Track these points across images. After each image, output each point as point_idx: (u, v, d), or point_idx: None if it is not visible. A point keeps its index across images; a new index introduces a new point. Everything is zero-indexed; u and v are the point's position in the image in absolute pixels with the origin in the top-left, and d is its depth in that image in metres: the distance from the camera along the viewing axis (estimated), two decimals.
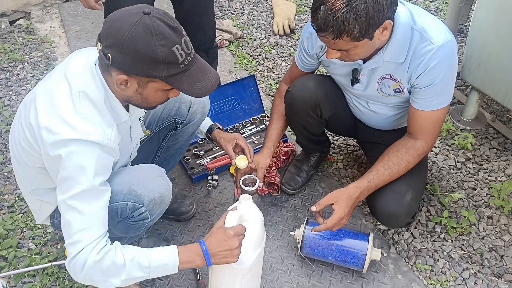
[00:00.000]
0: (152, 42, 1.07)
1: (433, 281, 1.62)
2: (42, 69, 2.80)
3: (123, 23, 1.08)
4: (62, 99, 1.16)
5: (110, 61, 1.11)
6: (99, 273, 1.16)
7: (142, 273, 1.20)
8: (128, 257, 1.18)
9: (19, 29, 3.20)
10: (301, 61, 1.71)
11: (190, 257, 1.25)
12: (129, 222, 1.33)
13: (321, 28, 1.25)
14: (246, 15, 3.31)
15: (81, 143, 1.12)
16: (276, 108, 1.80)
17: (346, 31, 1.23)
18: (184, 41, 1.13)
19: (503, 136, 2.20)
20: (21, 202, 1.93)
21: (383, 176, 1.51)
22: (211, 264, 1.25)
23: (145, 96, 1.20)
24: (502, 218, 1.83)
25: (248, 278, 1.38)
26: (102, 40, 1.11)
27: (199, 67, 1.19)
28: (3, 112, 2.45)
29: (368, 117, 1.72)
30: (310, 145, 1.95)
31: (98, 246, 1.15)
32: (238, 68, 2.76)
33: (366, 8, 1.20)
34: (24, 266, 1.67)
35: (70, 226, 1.15)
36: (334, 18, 1.20)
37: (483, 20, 1.96)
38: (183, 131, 1.69)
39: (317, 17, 1.24)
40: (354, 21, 1.20)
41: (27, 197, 1.46)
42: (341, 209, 1.46)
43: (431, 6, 3.30)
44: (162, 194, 1.33)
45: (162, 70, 1.11)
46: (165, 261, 1.22)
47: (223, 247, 1.24)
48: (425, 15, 1.40)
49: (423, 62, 1.37)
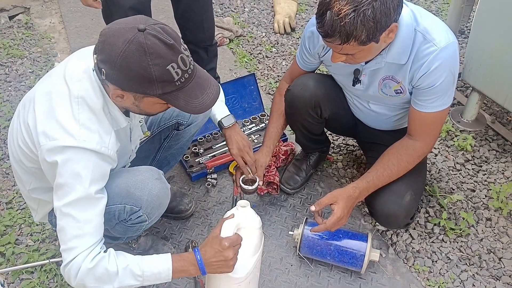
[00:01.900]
0: (145, 62, 1.04)
1: (431, 282, 1.63)
2: (42, 65, 2.79)
3: (117, 39, 1.05)
4: (61, 104, 1.15)
5: (105, 76, 1.09)
6: (92, 280, 1.15)
7: (135, 281, 1.19)
8: (121, 265, 1.17)
9: (18, 25, 3.19)
10: (302, 59, 1.70)
11: (184, 266, 1.24)
12: (127, 225, 1.33)
13: (328, 34, 1.24)
14: (246, 13, 3.30)
15: (78, 150, 1.11)
16: (276, 107, 1.79)
17: (353, 36, 1.22)
18: (181, 58, 1.08)
19: (503, 138, 2.20)
20: (20, 198, 1.93)
21: (382, 176, 1.51)
22: (205, 274, 1.25)
23: (142, 108, 1.19)
24: (500, 220, 1.83)
25: (244, 285, 1.36)
26: (98, 54, 1.09)
27: (197, 83, 1.15)
28: (2, 107, 2.44)
29: (368, 117, 1.72)
30: (309, 145, 1.95)
31: (92, 253, 1.15)
32: (238, 67, 2.75)
33: (373, 13, 1.19)
34: (22, 263, 1.67)
35: (65, 233, 1.14)
36: (341, 24, 1.19)
37: (484, 21, 1.96)
38: (185, 131, 1.69)
39: (324, 22, 1.22)
40: (361, 26, 1.20)
41: (25, 195, 1.46)
42: (340, 209, 1.46)
43: (432, 7, 3.29)
44: (160, 197, 1.33)
45: (157, 88, 1.08)
46: (158, 270, 1.21)
47: (218, 258, 1.22)
48: (428, 16, 1.39)
49: (425, 63, 1.36)
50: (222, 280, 1.33)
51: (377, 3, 1.18)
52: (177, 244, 1.74)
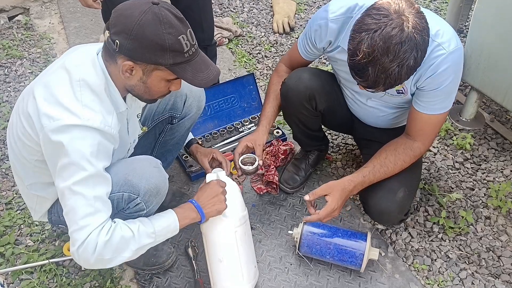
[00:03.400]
0: (160, 30, 1.12)
1: (431, 281, 1.63)
2: (41, 66, 2.79)
3: (133, 11, 1.13)
4: (61, 88, 1.18)
5: (118, 47, 1.14)
6: (110, 252, 1.18)
7: (150, 239, 1.26)
8: (134, 228, 1.23)
9: (18, 25, 3.19)
10: (305, 49, 1.67)
11: (185, 213, 1.36)
12: (125, 214, 1.33)
13: (371, 87, 1.26)
14: (246, 13, 3.31)
15: (82, 128, 1.14)
16: (273, 88, 1.77)
17: (396, 84, 1.25)
18: (189, 32, 1.18)
19: (502, 136, 2.20)
20: (19, 199, 1.93)
21: (378, 173, 1.51)
22: (204, 215, 1.38)
23: (148, 85, 1.23)
24: (499, 218, 1.83)
25: (240, 232, 1.47)
26: (111, 28, 1.15)
27: (202, 59, 1.24)
28: (1, 108, 2.45)
29: (366, 113, 1.72)
30: (307, 141, 1.94)
31: (106, 227, 1.18)
32: (237, 66, 2.76)
33: (415, 62, 1.20)
34: (21, 263, 1.67)
35: (75, 212, 1.16)
36: (387, 77, 1.21)
37: (483, 20, 1.96)
38: (179, 125, 1.70)
39: (366, 77, 1.23)
40: (405, 76, 1.22)
41: (23, 193, 1.47)
42: (334, 201, 1.47)
43: (431, 6, 3.29)
44: (158, 185, 1.34)
45: (168, 57, 1.15)
46: (167, 223, 1.31)
47: (209, 196, 1.39)
48: (437, 20, 1.39)
49: (433, 66, 1.36)
50: (221, 230, 1.44)
51: (418, 53, 1.20)
52: (176, 243, 1.74)
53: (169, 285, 1.61)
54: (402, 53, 1.17)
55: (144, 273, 1.64)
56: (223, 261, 1.46)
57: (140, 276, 1.64)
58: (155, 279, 1.63)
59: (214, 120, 2.22)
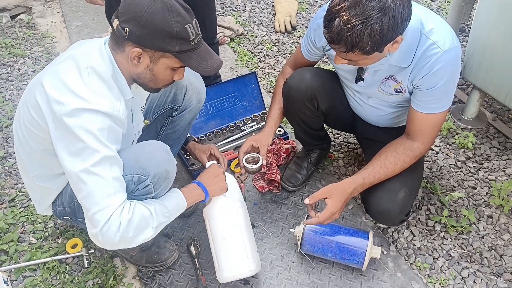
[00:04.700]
0: (169, 18, 1.16)
1: (433, 279, 1.63)
2: (43, 64, 2.80)
3: (142, 0, 1.17)
4: (70, 75, 1.20)
5: (128, 34, 1.17)
6: (132, 229, 1.20)
7: (165, 218, 1.31)
8: (150, 207, 1.27)
9: (20, 24, 3.20)
10: (307, 49, 1.70)
11: (191, 192, 1.44)
12: (133, 196, 1.33)
13: (334, 41, 1.25)
14: (247, 12, 3.31)
15: (93, 112, 1.16)
16: (278, 90, 1.78)
17: (358, 47, 1.23)
18: (195, 22, 1.23)
19: (504, 135, 2.20)
20: (22, 196, 1.94)
21: (378, 174, 1.51)
22: (208, 193, 1.47)
23: (155, 72, 1.26)
24: (502, 217, 1.83)
25: (242, 213, 1.56)
26: (120, 16, 1.19)
27: (206, 49, 1.29)
28: (4, 106, 2.45)
29: (367, 112, 1.72)
30: (309, 140, 1.95)
31: (126, 206, 1.21)
32: (239, 65, 2.76)
33: (381, 27, 1.19)
34: (25, 260, 1.68)
35: (95, 195, 1.17)
36: (348, 34, 1.20)
37: (485, 19, 1.96)
38: (180, 118, 1.72)
39: (331, 29, 1.23)
40: (368, 38, 1.20)
41: (28, 185, 1.47)
42: (334, 204, 1.47)
43: (433, 5, 3.29)
44: (167, 168, 1.36)
45: (175, 45, 1.19)
46: (176, 202, 1.37)
47: (211, 176, 1.50)
48: (434, 18, 1.39)
49: (427, 64, 1.36)
50: (224, 208, 1.53)
51: (386, 18, 1.18)
52: (178, 241, 1.75)
53: (172, 283, 1.61)
54: (369, 10, 1.17)
55: (146, 271, 1.65)
56: (227, 239, 1.51)
57: (143, 273, 1.65)
58: (158, 277, 1.63)
59: (216, 118, 2.23)
